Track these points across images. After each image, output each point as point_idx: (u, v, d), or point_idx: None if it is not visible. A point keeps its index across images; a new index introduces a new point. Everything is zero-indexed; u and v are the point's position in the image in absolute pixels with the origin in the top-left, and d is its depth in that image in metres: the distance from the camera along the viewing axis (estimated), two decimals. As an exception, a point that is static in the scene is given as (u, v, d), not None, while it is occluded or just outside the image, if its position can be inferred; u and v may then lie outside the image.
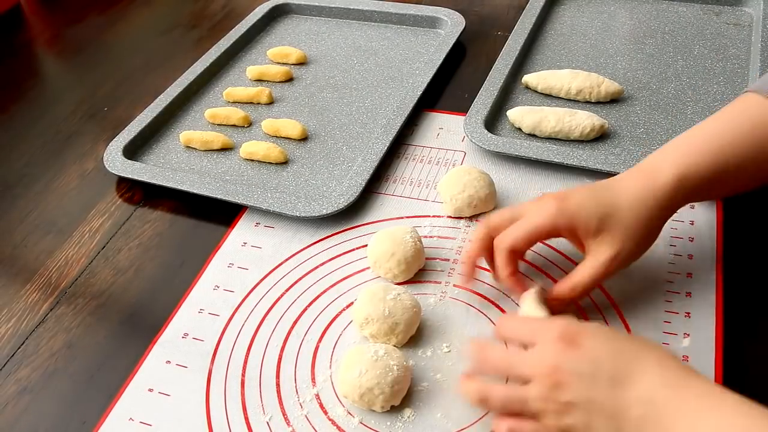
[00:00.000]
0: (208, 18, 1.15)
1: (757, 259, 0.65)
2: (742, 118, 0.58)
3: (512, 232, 0.58)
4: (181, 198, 0.77)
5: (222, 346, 0.62)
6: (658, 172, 0.56)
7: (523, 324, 0.52)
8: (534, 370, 0.47)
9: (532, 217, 0.58)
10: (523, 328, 0.51)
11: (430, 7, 1.03)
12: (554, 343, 0.47)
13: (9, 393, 0.60)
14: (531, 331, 0.50)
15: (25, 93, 1.02)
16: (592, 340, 0.47)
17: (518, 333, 0.51)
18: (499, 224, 0.60)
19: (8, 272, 0.73)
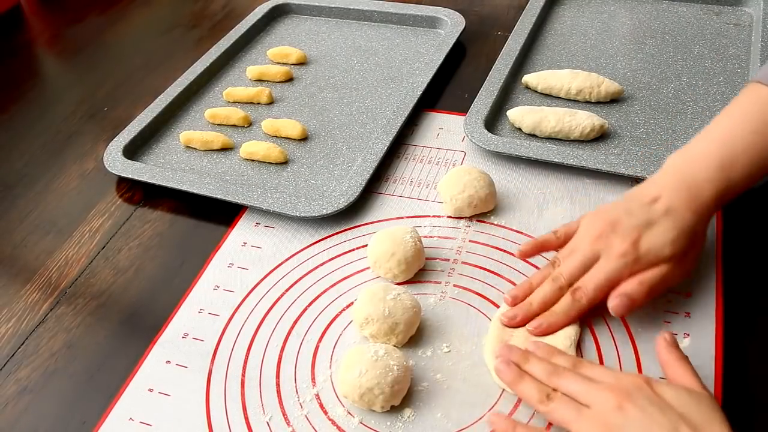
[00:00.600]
0: (208, 18, 1.15)
1: (757, 259, 0.65)
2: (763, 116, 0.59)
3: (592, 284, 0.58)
4: (181, 198, 0.77)
5: (222, 346, 0.62)
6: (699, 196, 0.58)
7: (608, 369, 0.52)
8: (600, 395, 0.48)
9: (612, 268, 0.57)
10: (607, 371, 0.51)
11: (430, 7, 1.03)
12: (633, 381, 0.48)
13: (9, 393, 0.60)
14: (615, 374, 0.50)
15: (25, 93, 1.02)
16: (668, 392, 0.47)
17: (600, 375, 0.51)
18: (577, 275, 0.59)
19: (8, 272, 0.73)
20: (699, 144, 0.61)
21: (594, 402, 0.48)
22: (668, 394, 0.47)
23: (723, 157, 0.59)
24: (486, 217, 0.71)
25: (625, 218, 0.59)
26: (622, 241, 0.58)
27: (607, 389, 0.48)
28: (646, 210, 0.59)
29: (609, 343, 0.58)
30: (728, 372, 0.55)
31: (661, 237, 0.57)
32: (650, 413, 0.46)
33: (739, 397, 0.53)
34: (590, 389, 0.49)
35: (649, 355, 0.56)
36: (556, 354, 0.54)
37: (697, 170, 0.59)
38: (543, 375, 0.52)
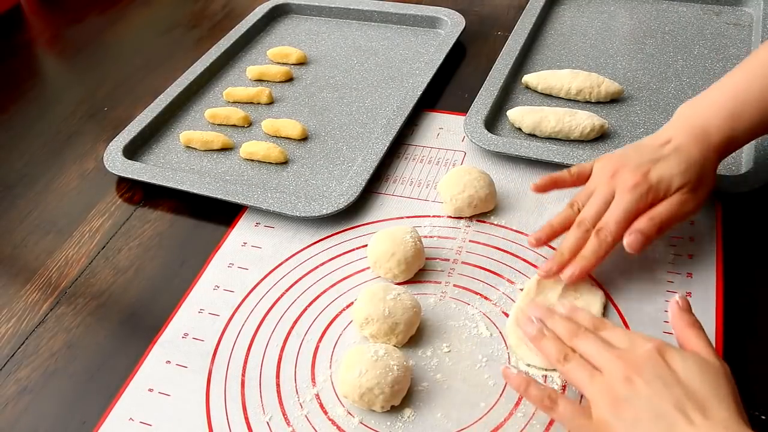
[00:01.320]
0: (208, 18, 1.15)
1: (757, 259, 0.65)
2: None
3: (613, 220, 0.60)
4: (181, 198, 0.77)
5: (222, 346, 0.62)
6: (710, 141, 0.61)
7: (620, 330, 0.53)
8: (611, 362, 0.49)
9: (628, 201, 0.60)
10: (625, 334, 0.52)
11: (430, 7, 1.03)
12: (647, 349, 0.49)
13: (9, 393, 0.60)
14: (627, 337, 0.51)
15: (25, 93, 1.02)
16: (680, 363, 0.48)
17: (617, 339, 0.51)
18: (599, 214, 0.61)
19: (8, 272, 0.73)
20: (710, 94, 0.64)
21: (605, 369, 0.49)
22: (679, 366, 0.47)
23: (732, 107, 0.62)
24: (486, 217, 0.71)
25: (636, 156, 0.62)
26: (633, 174, 0.61)
27: (619, 358, 0.49)
28: (656, 149, 0.62)
29: (609, 343, 0.58)
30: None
31: (670, 169, 0.60)
32: (657, 388, 0.46)
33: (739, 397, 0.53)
34: (604, 354, 0.50)
35: (649, 355, 0.56)
36: (580, 312, 0.55)
37: (705, 118, 0.62)
38: (564, 333, 0.53)
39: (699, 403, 0.45)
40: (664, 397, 0.46)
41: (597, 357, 0.50)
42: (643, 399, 0.46)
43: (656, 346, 0.49)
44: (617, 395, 0.47)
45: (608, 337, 0.52)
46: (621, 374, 0.48)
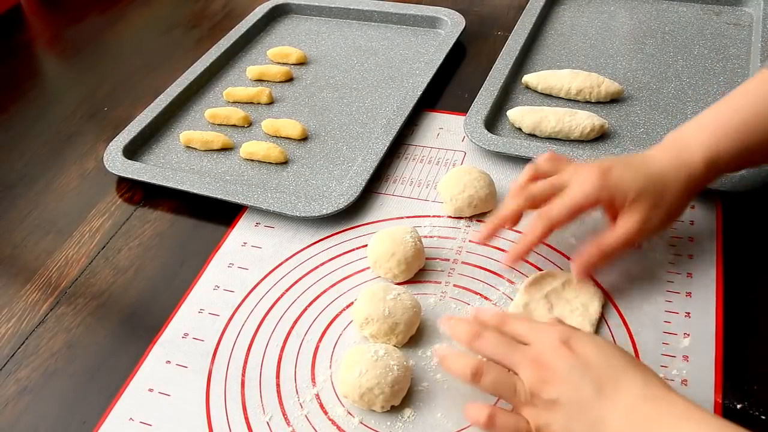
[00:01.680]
0: (208, 18, 1.15)
1: (757, 259, 0.65)
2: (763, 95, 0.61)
3: (559, 207, 0.59)
4: (181, 198, 0.77)
5: (222, 346, 0.62)
6: (688, 152, 0.60)
7: (522, 322, 0.53)
8: (526, 363, 0.49)
9: (576, 191, 0.59)
10: (523, 325, 0.52)
11: (430, 7, 1.03)
12: (551, 343, 0.49)
13: (9, 393, 0.60)
14: (530, 329, 0.52)
15: (25, 93, 1.02)
16: (585, 347, 0.49)
17: (517, 330, 0.52)
18: (542, 195, 0.61)
19: (8, 272, 0.73)
20: (697, 116, 0.63)
21: (520, 374, 0.49)
22: (585, 350, 0.48)
23: (716, 126, 0.60)
24: (486, 217, 0.71)
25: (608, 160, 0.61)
26: (595, 171, 0.59)
27: (530, 362, 0.49)
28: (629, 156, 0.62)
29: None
30: (728, 372, 0.55)
31: (632, 177, 0.59)
32: (574, 382, 0.47)
33: (740, 397, 0.53)
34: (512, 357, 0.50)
35: (650, 355, 0.57)
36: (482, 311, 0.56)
37: (689, 133, 0.61)
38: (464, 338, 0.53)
39: (614, 380, 0.46)
40: (584, 386, 0.46)
41: (507, 356, 0.51)
42: (567, 394, 0.47)
43: (559, 337, 0.49)
44: (546, 399, 0.47)
45: (512, 331, 0.52)
46: (538, 377, 0.48)
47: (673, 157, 0.60)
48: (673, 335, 0.58)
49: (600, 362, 0.47)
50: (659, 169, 0.59)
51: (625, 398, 0.45)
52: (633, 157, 0.62)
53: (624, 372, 0.47)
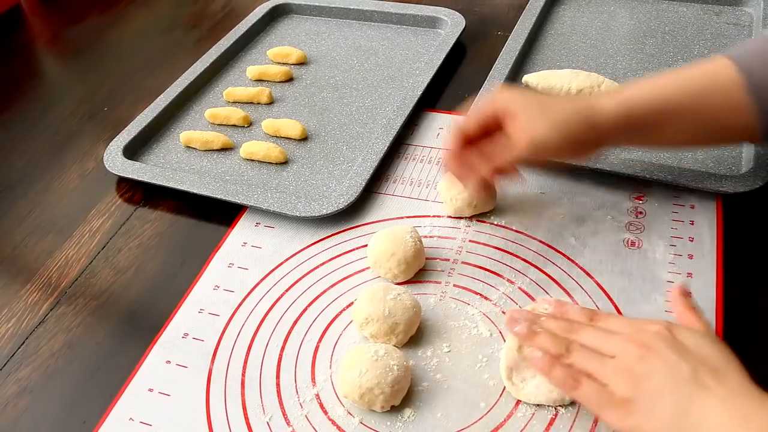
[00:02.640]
0: (208, 18, 1.15)
1: (757, 259, 0.65)
2: (702, 75, 0.61)
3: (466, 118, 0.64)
4: (181, 198, 0.77)
5: (222, 346, 0.62)
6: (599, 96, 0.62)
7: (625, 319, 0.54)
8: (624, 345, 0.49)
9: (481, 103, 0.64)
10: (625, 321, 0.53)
11: (430, 7, 1.03)
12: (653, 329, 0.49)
13: (9, 393, 0.60)
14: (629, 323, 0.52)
15: (26, 93, 1.02)
16: (689, 337, 0.49)
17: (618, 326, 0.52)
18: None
19: (8, 272, 0.73)
20: None
21: (617, 352, 0.49)
22: (687, 339, 0.48)
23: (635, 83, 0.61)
24: (486, 217, 0.71)
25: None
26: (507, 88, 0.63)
27: (627, 340, 0.49)
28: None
29: (609, 343, 0.58)
30: (728, 372, 0.55)
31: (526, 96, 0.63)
32: (671, 361, 0.47)
33: (739, 397, 0.53)
34: (611, 341, 0.50)
35: (649, 355, 0.56)
36: (568, 307, 0.56)
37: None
38: (560, 330, 0.53)
39: (713, 370, 0.46)
40: (680, 367, 0.46)
41: (604, 345, 0.51)
42: (660, 373, 0.47)
43: (663, 324, 0.50)
44: (635, 373, 0.47)
45: (608, 326, 0.52)
46: (634, 353, 0.48)
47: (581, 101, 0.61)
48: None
49: (701, 352, 0.47)
50: (561, 101, 0.63)
51: (722, 391, 0.45)
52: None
53: (724, 367, 0.46)
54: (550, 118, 0.59)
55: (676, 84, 0.60)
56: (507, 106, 0.61)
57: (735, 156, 0.74)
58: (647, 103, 0.59)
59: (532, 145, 0.59)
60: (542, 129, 0.59)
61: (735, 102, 0.58)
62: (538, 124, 0.59)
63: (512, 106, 0.60)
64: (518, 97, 0.61)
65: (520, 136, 0.59)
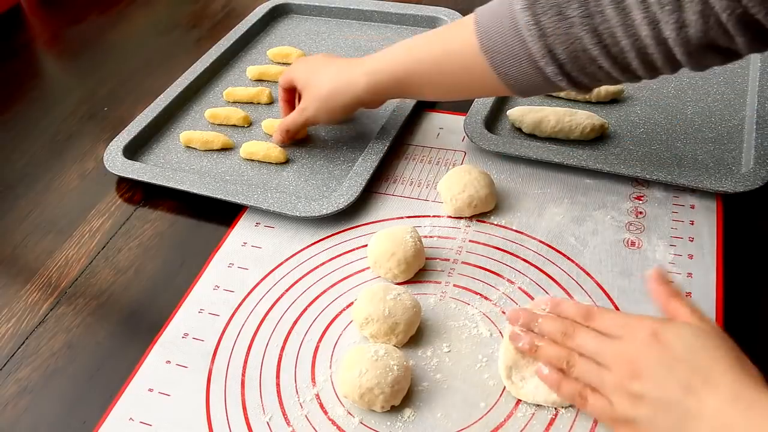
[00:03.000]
0: (208, 18, 1.15)
1: (757, 259, 0.65)
2: (444, 39, 0.67)
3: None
4: (181, 198, 0.77)
5: (222, 346, 0.62)
6: (361, 63, 0.73)
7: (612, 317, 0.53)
8: (615, 358, 0.49)
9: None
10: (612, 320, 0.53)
11: (430, 7, 1.03)
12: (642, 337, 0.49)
13: (9, 393, 0.60)
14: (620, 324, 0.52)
15: (26, 93, 1.02)
16: (676, 339, 0.48)
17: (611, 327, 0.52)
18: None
19: (8, 272, 0.73)
20: None
21: (611, 367, 0.50)
22: (676, 343, 0.48)
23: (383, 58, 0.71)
24: (486, 217, 0.71)
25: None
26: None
27: (620, 354, 0.49)
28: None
29: (609, 343, 0.58)
30: (728, 372, 0.55)
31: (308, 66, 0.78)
32: (661, 379, 0.47)
33: (739, 397, 0.53)
34: (605, 350, 0.51)
35: (649, 355, 0.56)
36: (563, 304, 0.56)
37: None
38: (557, 335, 0.53)
39: (705, 379, 0.46)
40: (670, 383, 0.46)
41: (599, 354, 0.51)
42: (651, 394, 0.47)
43: (651, 332, 0.49)
44: (630, 392, 0.48)
45: (602, 327, 0.52)
46: (627, 371, 0.48)
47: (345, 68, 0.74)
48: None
49: (689, 357, 0.47)
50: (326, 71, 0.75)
51: (713, 401, 0.45)
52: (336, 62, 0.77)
53: (714, 367, 0.46)
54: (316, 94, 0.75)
55: (419, 50, 0.68)
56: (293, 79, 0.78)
57: (735, 156, 0.74)
58: (389, 73, 0.70)
59: (308, 115, 0.76)
60: (313, 104, 0.75)
61: (470, 62, 0.62)
62: (309, 99, 0.75)
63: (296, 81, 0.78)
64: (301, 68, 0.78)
65: (299, 107, 0.77)
